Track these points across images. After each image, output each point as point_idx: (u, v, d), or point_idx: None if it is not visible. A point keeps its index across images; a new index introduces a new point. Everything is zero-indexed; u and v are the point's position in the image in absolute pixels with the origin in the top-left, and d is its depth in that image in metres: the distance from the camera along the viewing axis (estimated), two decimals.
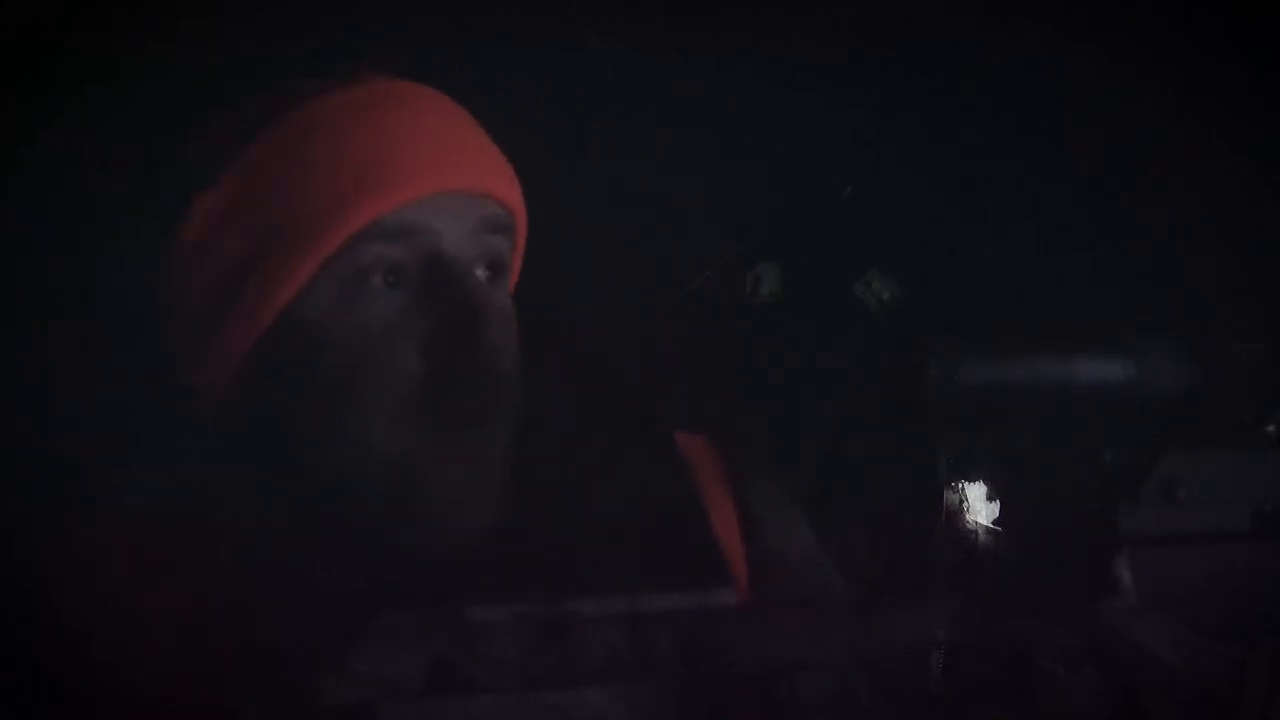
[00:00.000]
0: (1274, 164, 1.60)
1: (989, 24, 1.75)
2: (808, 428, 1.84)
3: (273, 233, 0.86)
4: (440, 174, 0.89)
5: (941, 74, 1.84)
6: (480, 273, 0.90)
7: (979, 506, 0.77)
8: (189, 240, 0.88)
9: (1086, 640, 0.71)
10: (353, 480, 0.86)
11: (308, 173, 0.87)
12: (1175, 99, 1.68)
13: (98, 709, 0.79)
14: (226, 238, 0.87)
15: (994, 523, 0.77)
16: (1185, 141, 1.70)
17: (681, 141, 1.85)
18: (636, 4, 1.75)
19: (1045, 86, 1.80)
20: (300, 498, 0.87)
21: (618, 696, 0.66)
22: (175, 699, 0.79)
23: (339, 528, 0.86)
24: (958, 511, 0.78)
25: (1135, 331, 0.76)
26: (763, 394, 1.90)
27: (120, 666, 0.80)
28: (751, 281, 1.97)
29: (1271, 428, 0.76)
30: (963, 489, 0.78)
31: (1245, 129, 1.64)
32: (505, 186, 0.94)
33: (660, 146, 1.79)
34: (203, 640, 0.81)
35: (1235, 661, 0.71)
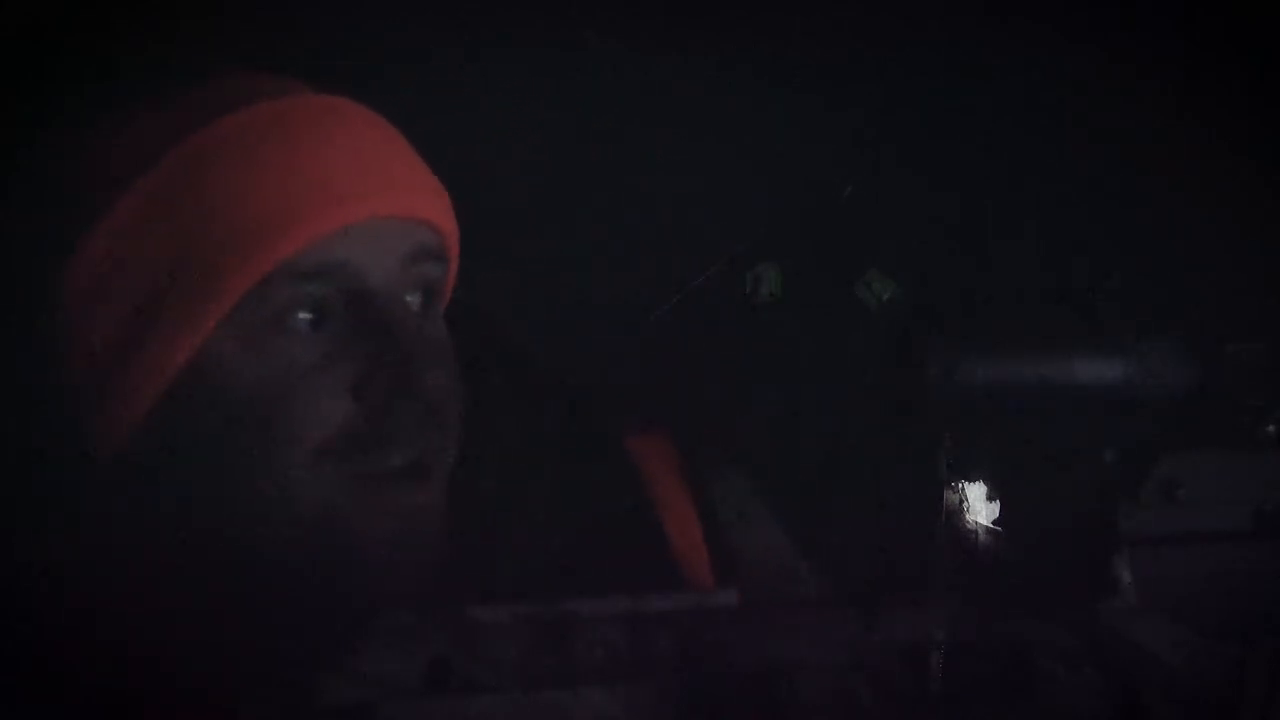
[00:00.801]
0: (1274, 164, 1.60)
1: (989, 24, 1.75)
2: (807, 428, 1.84)
3: (173, 275, 0.78)
4: (362, 202, 0.81)
5: (941, 74, 1.84)
6: (413, 302, 0.84)
7: (979, 506, 0.77)
8: (78, 284, 0.79)
9: (1086, 640, 0.71)
10: (269, 541, 0.80)
11: (213, 207, 0.78)
12: (1175, 99, 1.68)
13: (97, 709, 0.79)
14: (121, 278, 0.79)
15: (994, 523, 0.77)
16: (1185, 141, 1.70)
17: (681, 141, 1.85)
18: (636, 4, 1.75)
19: (1045, 86, 1.80)
20: (212, 561, 0.81)
21: (618, 696, 0.66)
22: (175, 699, 0.79)
23: (255, 592, 0.80)
24: (958, 511, 0.78)
25: (1135, 331, 0.75)
26: (761, 394, 1.90)
27: (120, 667, 0.80)
28: (751, 281, 1.97)
29: (1271, 428, 0.76)
30: (963, 489, 0.78)
31: (1245, 129, 1.64)
32: (435, 208, 0.86)
33: (660, 147, 1.79)
34: (202, 640, 0.80)
35: (1235, 661, 0.71)
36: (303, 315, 0.80)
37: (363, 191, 0.81)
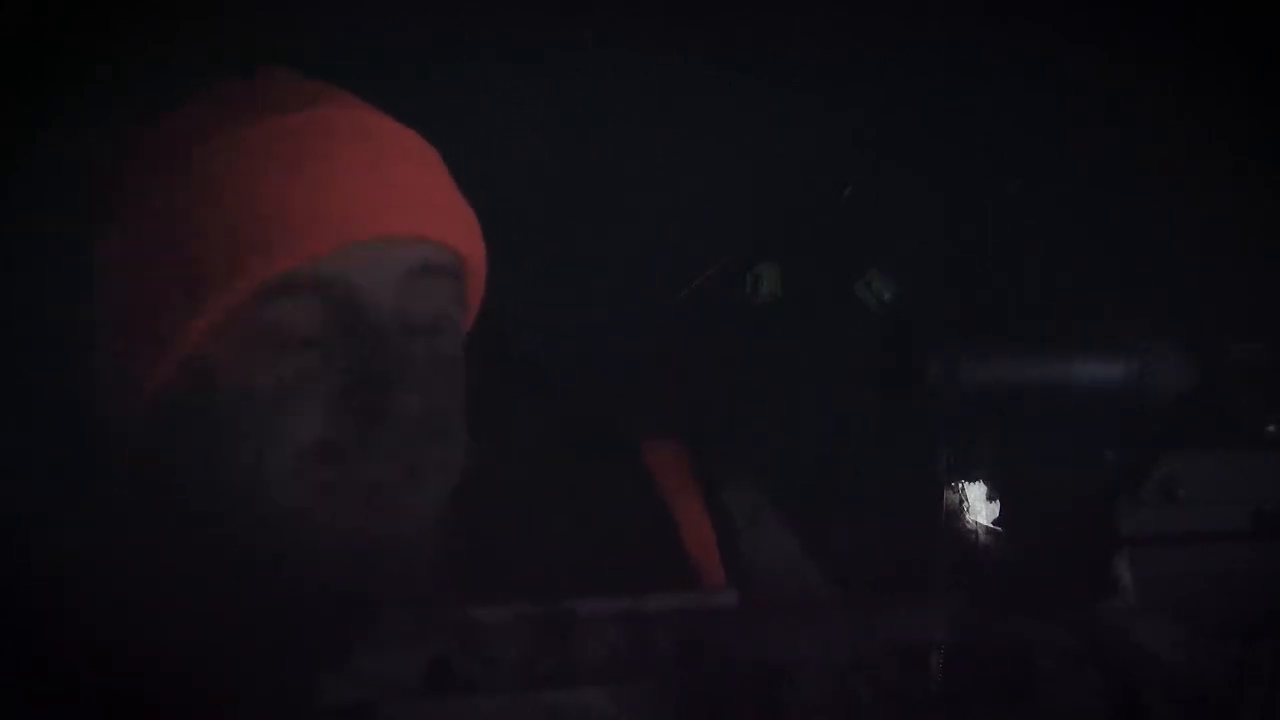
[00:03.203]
0: (1274, 164, 1.60)
1: (989, 24, 1.75)
2: (807, 429, 1.84)
3: (171, 281, 0.79)
4: (360, 221, 0.81)
5: (941, 74, 1.84)
6: (420, 319, 0.84)
7: (979, 506, 0.77)
8: (101, 266, 0.81)
9: (1086, 640, 0.71)
10: (258, 539, 0.81)
11: (215, 216, 0.79)
12: (1175, 99, 1.68)
13: (97, 707, 0.79)
14: (134, 270, 0.80)
15: (994, 523, 0.77)
16: (1185, 141, 1.70)
17: (681, 141, 1.85)
18: (637, 4, 1.75)
19: (1045, 86, 1.80)
20: (207, 555, 0.81)
21: (618, 696, 0.66)
22: (175, 699, 0.79)
23: (248, 590, 0.81)
24: (958, 511, 0.78)
25: (1135, 331, 0.75)
26: (762, 394, 1.90)
27: (120, 667, 0.80)
28: (751, 281, 1.97)
29: (1271, 428, 0.76)
30: (963, 489, 0.78)
31: (1245, 129, 1.64)
32: (447, 226, 0.86)
33: (659, 147, 1.79)
34: (202, 640, 0.81)
35: (1235, 661, 0.71)
36: (293, 333, 0.81)
37: (367, 210, 0.81)
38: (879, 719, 0.69)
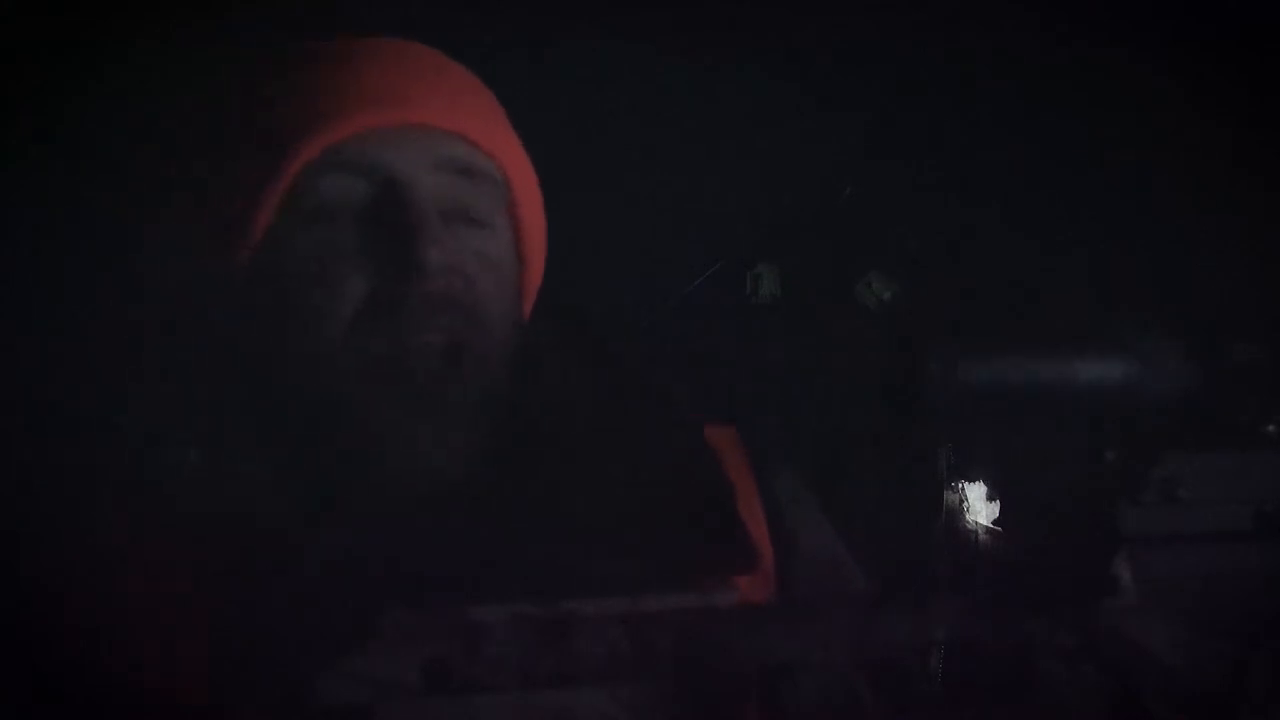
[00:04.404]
0: (1274, 164, 1.60)
1: (989, 24, 1.75)
2: (808, 427, 1.84)
3: (245, 158, 0.90)
4: (397, 108, 0.91)
5: (942, 74, 1.84)
6: (457, 214, 0.92)
7: (979, 506, 0.77)
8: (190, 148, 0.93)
9: (1086, 640, 0.71)
10: (305, 408, 0.89)
11: (280, 102, 0.91)
12: (1176, 99, 1.68)
13: (96, 707, 0.79)
14: (215, 154, 0.92)
15: (994, 523, 0.76)
16: (1187, 142, 1.70)
17: (681, 142, 1.85)
18: (637, 4, 1.75)
19: (1046, 86, 1.80)
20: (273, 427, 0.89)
21: (618, 696, 0.66)
22: (175, 698, 0.79)
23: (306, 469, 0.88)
24: (958, 511, 0.78)
25: (1135, 331, 0.75)
26: (762, 394, 1.90)
27: (120, 666, 0.80)
28: (751, 281, 1.97)
29: (1271, 428, 0.76)
30: (963, 489, 0.78)
31: (1246, 129, 1.64)
32: (483, 130, 0.95)
33: (660, 146, 1.79)
34: (202, 639, 0.81)
35: (1235, 661, 0.71)
36: (334, 206, 0.90)
37: (405, 100, 0.92)
38: (879, 719, 0.69)
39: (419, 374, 0.89)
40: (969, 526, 0.77)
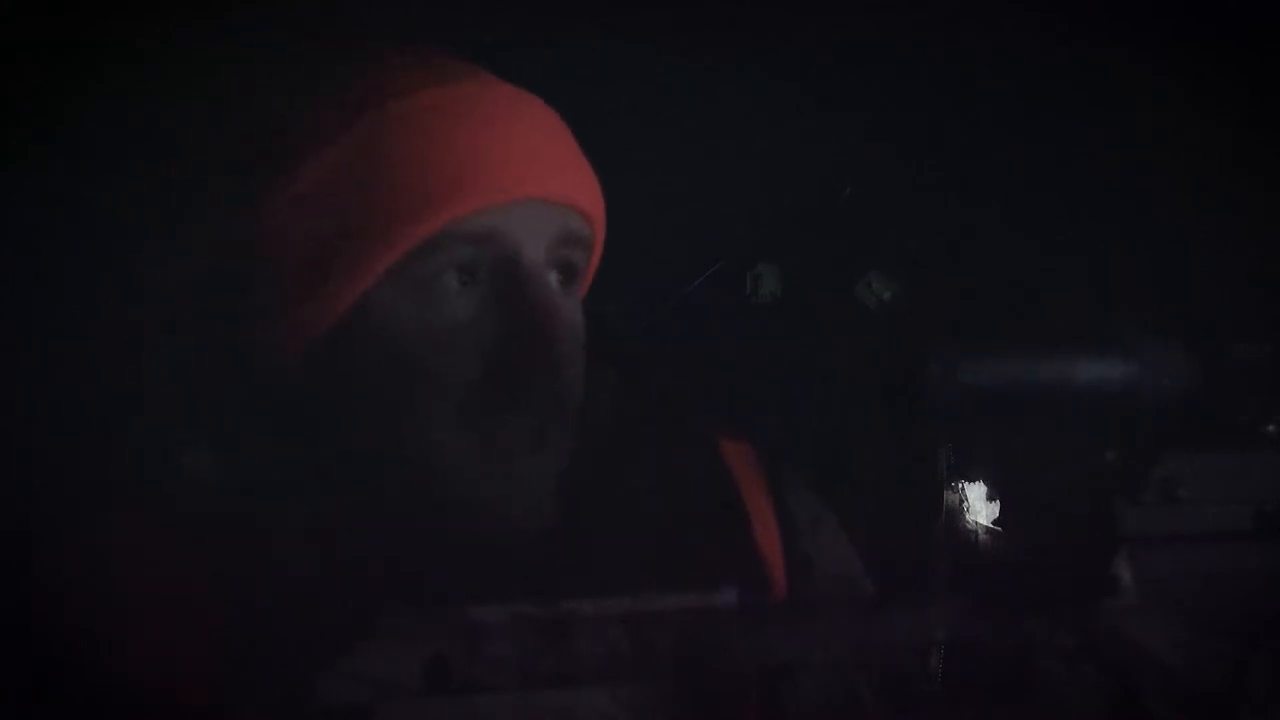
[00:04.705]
0: (1274, 164, 1.60)
1: (989, 24, 1.75)
2: (807, 428, 1.84)
3: (354, 223, 0.85)
4: (527, 182, 0.88)
5: (942, 74, 1.84)
6: (553, 280, 0.90)
7: (979, 506, 0.77)
8: (277, 212, 0.86)
9: (1086, 640, 0.71)
10: (399, 475, 0.86)
11: (396, 167, 0.86)
12: (1176, 99, 1.68)
13: (96, 707, 0.79)
14: (311, 217, 0.86)
15: (994, 523, 0.77)
16: (1187, 142, 1.70)
17: (681, 141, 1.85)
18: (637, 4, 1.75)
19: (1046, 86, 1.80)
20: (344, 482, 0.86)
21: (618, 696, 0.66)
22: (175, 698, 0.79)
23: (378, 516, 0.86)
24: (958, 511, 0.78)
25: (1135, 331, 0.75)
26: (762, 394, 1.90)
27: (120, 666, 0.80)
28: (751, 281, 1.97)
29: (1271, 428, 0.76)
30: (963, 489, 0.78)
31: (1246, 129, 1.64)
32: (590, 199, 0.93)
33: (660, 146, 1.79)
34: (202, 639, 0.81)
35: (1235, 661, 0.71)
36: (457, 275, 0.87)
37: (527, 173, 0.89)
38: (879, 719, 0.69)
39: (522, 444, 0.87)
40: (969, 526, 0.77)
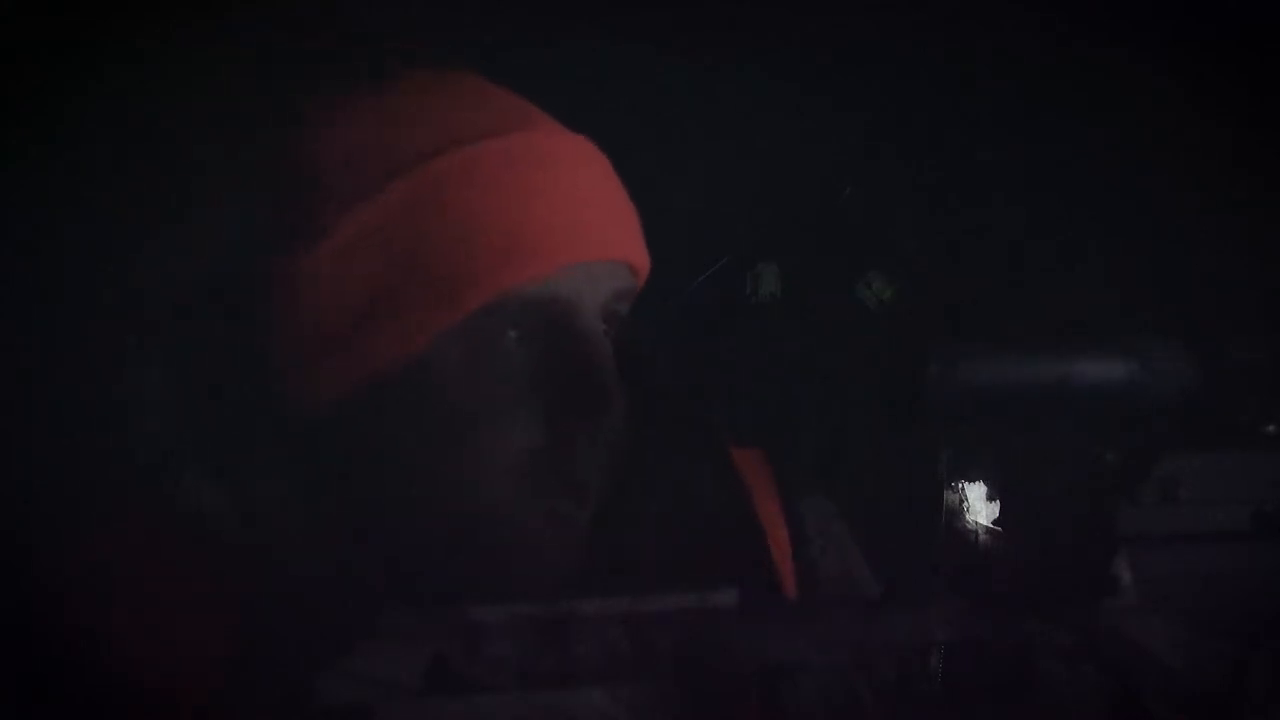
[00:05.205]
0: (1274, 164, 1.60)
1: (989, 24, 1.75)
2: (807, 428, 1.84)
3: (405, 282, 0.82)
4: (585, 245, 0.86)
5: (943, 74, 1.84)
6: (602, 331, 0.88)
7: (979, 506, 0.77)
8: (290, 281, 0.82)
9: (1086, 640, 0.71)
10: (435, 526, 0.84)
11: (450, 229, 0.82)
12: (1176, 99, 1.68)
13: (96, 707, 0.79)
14: (356, 274, 0.82)
15: (994, 523, 0.77)
16: (1187, 142, 1.70)
17: (682, 141, 1.85)
18: (637, 4, 1.75)
19: (1046, 86, 1.80)
20: (370, 529, 0.85)
21: (618, 696, 0.66)
22: (175, 698, 0.79)
23: (407, 559, 0.85)
24: (958, 511, 0.78)
25: (1135, 331, 0.75)
26: (762, 394, 1.90)
27: (120, 665, 0.80)
28: (751, 281, 1.97)
29: (1271, 428, 0.76)
30: (963, 489, 0.78)
31: (1246, 129, 1.64)
32: (638, 253, 0.92)
33: (660, 146, 1.79)
34: (202, 639, 0.81)
35: (1235, 661, 0.71)
36: (514, 337, 0.84)
37: (585, 236, 0.86)
38: (879, 719, 0.69)
39: (570, 502, 0.86)
40: (969, 526, 0.77)
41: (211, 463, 0.84)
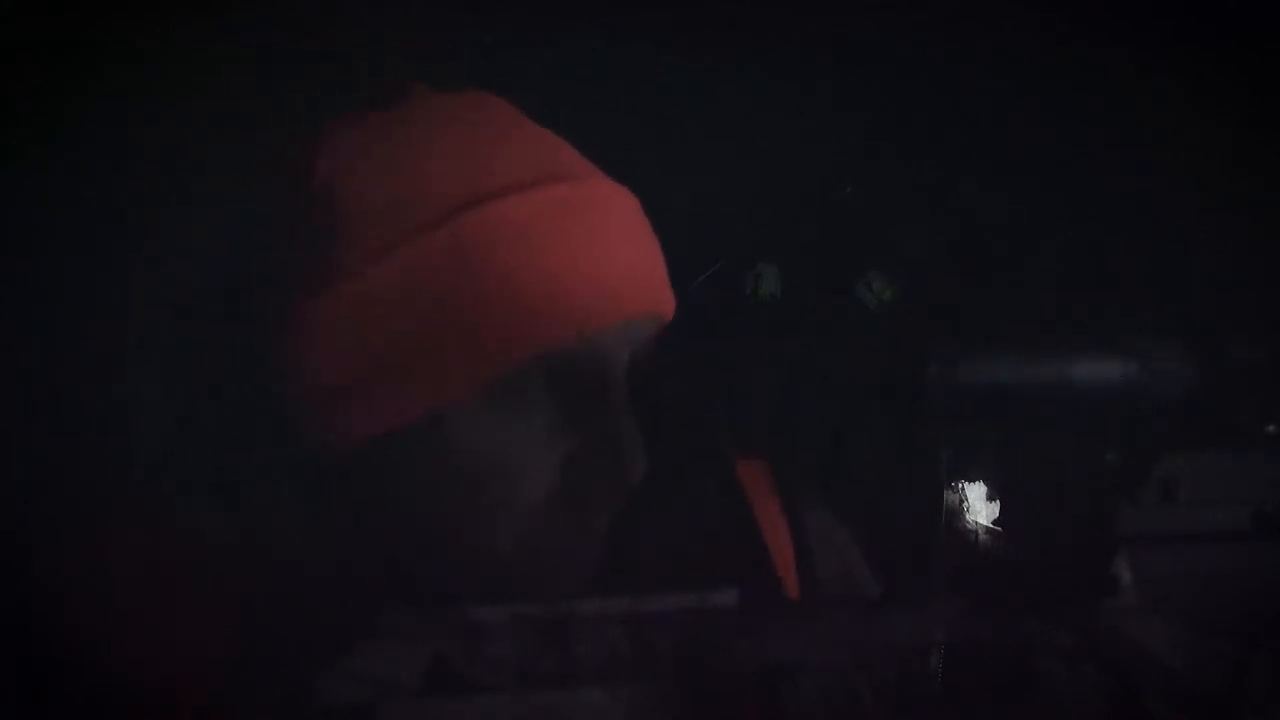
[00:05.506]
0: (1274, 164, 1.60)
1: (989, 24, 1.75)
2: (807, 428, 1.84)
3: (437, 339, 0.81)
4: (620, 305, 0.85)
5: (943, 74, 1.84)
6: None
7: (979, 506, 0.77)
8: (313, 322, 0.81)
9: (1086, 640, 0.71)
10: (452, 561, 0.84)
11: (480, 286, 0.81)
12: (1176, 99, 1.68)
13: (96, 706, 0.79)
14: (379, 323, 0.81)
15: (994, 523, 0.77)
16: (1187, 142, 1.70)
17: (682, 141, 1.85)
18: (637, 4, 1.75)
19: (1046, 86, 1.80)
20: (382, 556, 0.85)
21: (618, 696, 0.66)
22: (175, 698, 0.79)
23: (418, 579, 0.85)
24: (958, 511, 0.78)
25: (1135, 331, 0.75)
26: (762, 394, 1.90)
27: (121, 665, 0.80)
28: (751, 281, 1.97)
29: (1271, 428, 0.76)
30: (963, 489, 0.78)
31: (1246, 129, 1.64)
32: (668, 303, 0.91)
33: (660, 146, 1.79)
34: (202, 639, 0.81)
35: (1235, 661, 0.71)
36: (542, 390, 0.84)
37: (620, 295, 0.85)
38: (879, 719, 0.69)
39: (588, 540, 0.86)
40: (969, 526, 0.77)
41: (216, 489, 0.84)
